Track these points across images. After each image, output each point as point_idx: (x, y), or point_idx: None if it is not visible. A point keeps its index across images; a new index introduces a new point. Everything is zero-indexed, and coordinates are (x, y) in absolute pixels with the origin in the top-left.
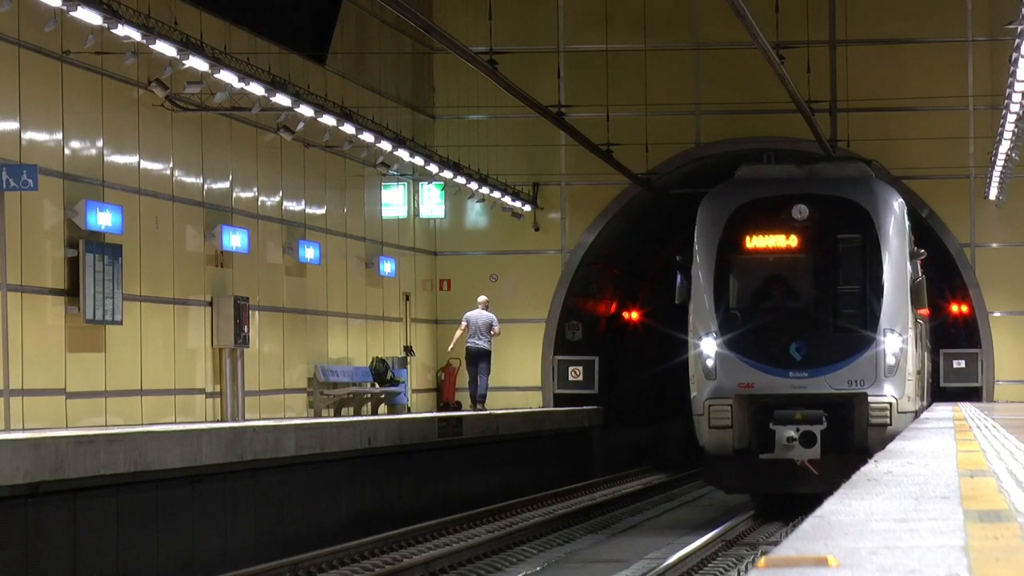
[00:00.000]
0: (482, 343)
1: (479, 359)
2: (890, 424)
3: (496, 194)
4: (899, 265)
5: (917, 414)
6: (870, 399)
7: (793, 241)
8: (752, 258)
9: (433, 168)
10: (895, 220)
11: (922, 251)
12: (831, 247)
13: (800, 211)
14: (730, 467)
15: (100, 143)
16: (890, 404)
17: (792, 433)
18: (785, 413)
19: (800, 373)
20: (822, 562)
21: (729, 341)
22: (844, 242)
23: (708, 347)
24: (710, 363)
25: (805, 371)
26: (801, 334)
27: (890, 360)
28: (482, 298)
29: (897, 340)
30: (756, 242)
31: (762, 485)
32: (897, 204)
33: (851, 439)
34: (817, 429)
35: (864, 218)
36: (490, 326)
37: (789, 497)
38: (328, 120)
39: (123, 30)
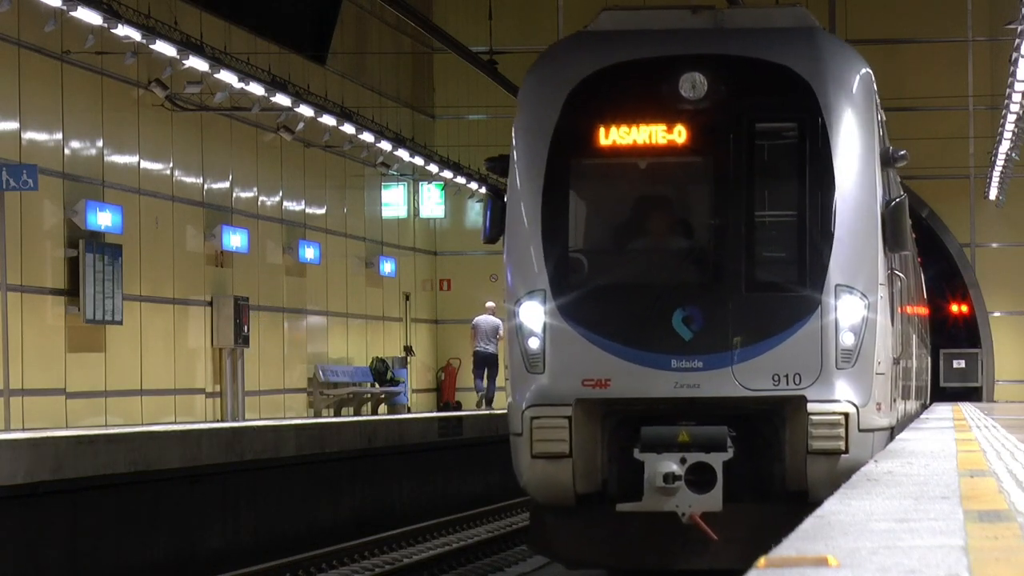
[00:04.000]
0: (489, 348)
1: (486, 363)
2: (845, 451)
3: None
4: (863, 175)
5: (896, 432)
6: (812, 408)
7: (680, 135)
8: (609, 164)
9: (433, 168)
10: (855, 99)
11: (902, 152)
12: (746, 146)
13: (694, 83)
14: (570, 525)
15: (100, 143)
16: (845, 415)
17: (674, 467)
18: (662, 432)
19: (690, 361)
20: (822, 562)
21: (568, 307)
22: (769, 136)
23: (531, 317)
24: (534, 345)
25: (698, 358)
26: (692, 295)
27: (846, 340)
28: (490, 304)
29: (857, 304)
30: (617, 137)
31: (622, 555)
32: (859, 74)
33: (777, 477)
34: (718, 459)
35: (803, 95)
36: (496, 331)
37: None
38: (328, 120)
39: (123, 30)
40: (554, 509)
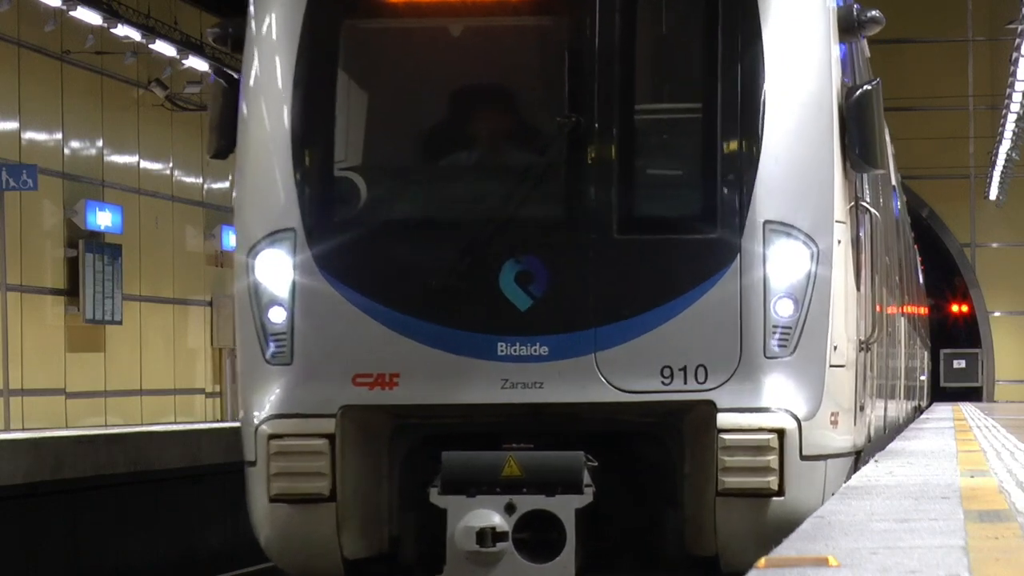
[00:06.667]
0: None
1: None
2: (777, 491)
3: None
4: (809, 48)
5: (868, 456)
6: (725, 420)
7: None
8: (401, 29)
9: None
10: None
11: (872, 13)
12: (622, 1)
13: None
14: None
15: (100, 143)
16: (779, 433)
17: (495, 518)
18: (475, 460)
19: (528, 346)
20: (822, 562)
21: (332, 257)
22: None
23: (274, 273)
24: (278, 318)
25: (541, 341)
26: (532, 239)
27: (781, 309)
28: None
29: (800, 253)
30: None
31: None
32: None
33: (669, 533)
34: (568, 506)
35: None
36: None
37: None
38: None
39: (123, 30)
40: None
